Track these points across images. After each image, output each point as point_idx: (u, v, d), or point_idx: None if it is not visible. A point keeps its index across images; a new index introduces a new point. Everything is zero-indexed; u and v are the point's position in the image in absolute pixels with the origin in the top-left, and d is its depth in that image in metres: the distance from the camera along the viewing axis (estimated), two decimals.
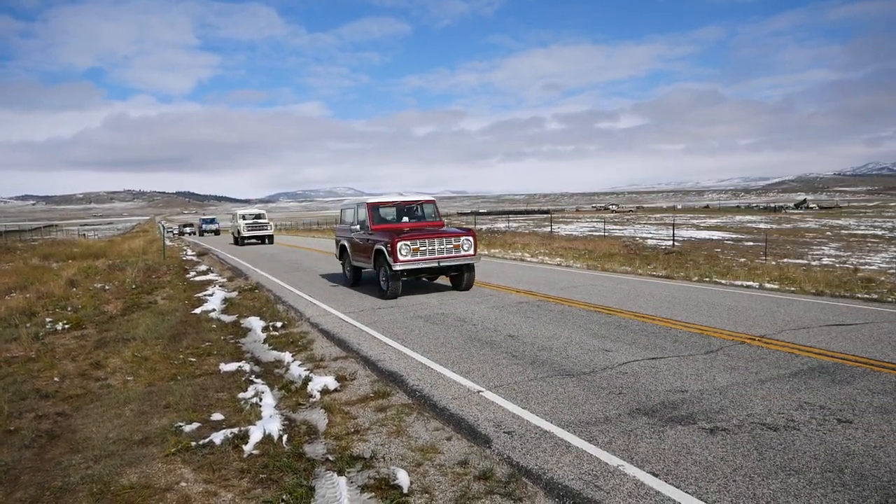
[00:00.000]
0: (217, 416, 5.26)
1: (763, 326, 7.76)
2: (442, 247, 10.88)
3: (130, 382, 6.50)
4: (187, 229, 60.20)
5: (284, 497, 3.76)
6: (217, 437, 4.68)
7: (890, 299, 9.99)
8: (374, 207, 12.14)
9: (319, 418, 5.10)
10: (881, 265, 19.59)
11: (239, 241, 32.11)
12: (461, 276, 11.62)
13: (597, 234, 39.10)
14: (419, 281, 12.85)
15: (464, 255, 11.06)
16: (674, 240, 30.98)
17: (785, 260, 21.29)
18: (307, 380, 6.08)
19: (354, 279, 13.10)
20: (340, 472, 4.05)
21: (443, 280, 12.94)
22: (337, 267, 17.38)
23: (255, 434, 4.71)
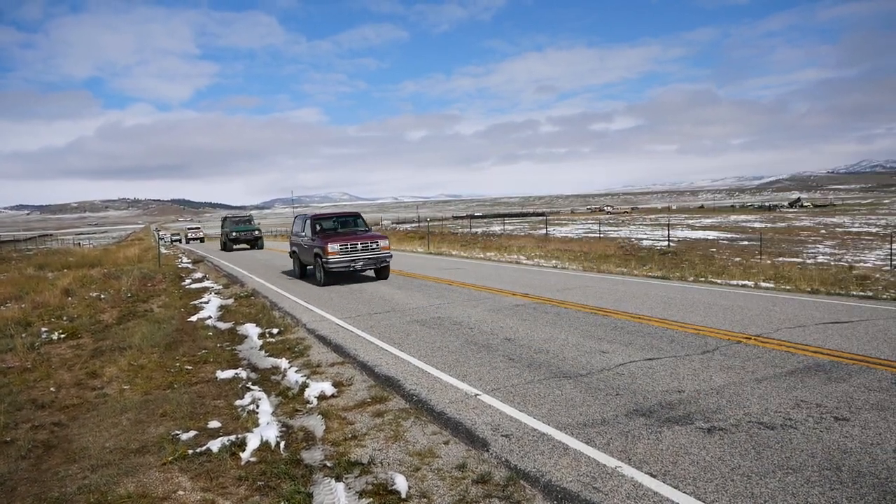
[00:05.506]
0: (214, 424, 5.24)
1: (759, 325, 7.79)
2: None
3: (127, 391, 6.47)
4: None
5: None
6: (214, 445, 4.67)
7: (885, 296, 10.05)
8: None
9: (317, 424, 5.09)
10: (876, 262, 19.67)
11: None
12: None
13: (592, 235, 39.14)
14: (415, 285, 13.18)
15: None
16: (669, 240, 31.04)
17: (780, 259, 21.35)
18: (304, 386, 6.06)
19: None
20: (338, 478, 4.04)
21: (437, 282, 13.14)
22: None
23: (253, 441, 4.70)
